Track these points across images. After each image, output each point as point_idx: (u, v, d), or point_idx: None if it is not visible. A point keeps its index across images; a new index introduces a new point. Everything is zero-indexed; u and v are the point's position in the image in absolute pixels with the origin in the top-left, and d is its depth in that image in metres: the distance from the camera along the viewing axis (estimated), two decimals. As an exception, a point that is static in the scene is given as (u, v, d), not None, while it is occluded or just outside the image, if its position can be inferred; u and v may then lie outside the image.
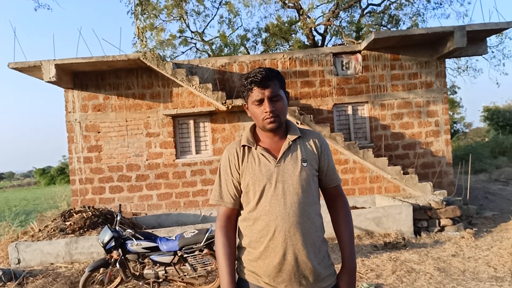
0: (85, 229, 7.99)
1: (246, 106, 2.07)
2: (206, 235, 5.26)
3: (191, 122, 10.54)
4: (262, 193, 1.94)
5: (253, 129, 2.13)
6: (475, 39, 10.14)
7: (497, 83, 32.55)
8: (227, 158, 2.06)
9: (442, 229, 7.94)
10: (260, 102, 1.95)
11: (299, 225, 1.90)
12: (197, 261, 5.30)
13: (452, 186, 10.48)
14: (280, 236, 1.89)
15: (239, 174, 2.02)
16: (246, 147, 2.05)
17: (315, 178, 2.05)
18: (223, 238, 2.00)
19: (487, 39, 10.52)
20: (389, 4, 17.90)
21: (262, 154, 2.01)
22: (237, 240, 2.08)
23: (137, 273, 5.42)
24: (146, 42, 10.06)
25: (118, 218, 5.56)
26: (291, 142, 2.03)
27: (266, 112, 1.94)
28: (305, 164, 1.99)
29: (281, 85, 2.00)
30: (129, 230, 5.36)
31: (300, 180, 1.95)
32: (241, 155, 2.03)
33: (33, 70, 9.72)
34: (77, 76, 10.40)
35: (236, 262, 2.05)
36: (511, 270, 5.63)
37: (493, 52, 17.74)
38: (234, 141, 2.13)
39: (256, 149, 2.03)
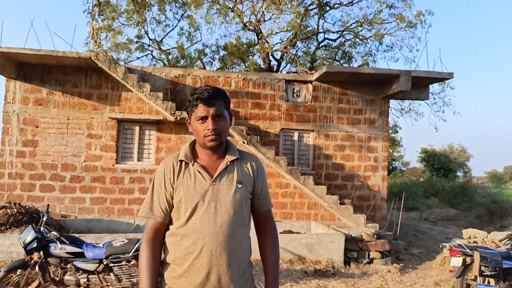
0: (7, 226, 7.54)
1: (189, 121, 2.07)
2: (136, 245, 5.11)
3: (137, 128, 10.32)
4: (194, 211, 1.93)
5: (193, 145, 2.12)
6: (419, 85, 10.78)
7: (436, 128, 34.83)
8: (162, 171, 2.03)
9: (371, 261, 8.21)
10: (204, 119, 1.96)
11: (227, 245, 1.91)
12: (123, 272, 5.13)
13: (384, 220, 10.91)
14: (206, 255, 1.88)
15: (173, 188, 1.99)
16: (183, 162, 2.04)
17: (248, 200, 2.07)
18: (148, 252, 1.96)
19: (430, 86, 11.21)
20: (344, 41, 18.73)
21: (199, 171, 2.00)
22: (162, 255, 2.05)
23: (57, 279, 5.18)
24: (100, 43, 9.79)
25: (45, 218, 5.32)
26: (228, 163, 2.04)
27: (208, 130, 1.95)
28: (239, 186, 2.01)
29: (226, 106, 2.03)
30: (54, 233, 5.13)
31: (233, 201, 1.97)
32: (177, 169, 2.01)
33: (-27, 55, 9.19)
34: (21, 67, 9.92)
35: (158, 278, 2.01)
36: (428, 307, 5.91)
37: (434, 98, 18.80)
38: (172, 155, 2.11)
39: (193, 165, 2.02)
